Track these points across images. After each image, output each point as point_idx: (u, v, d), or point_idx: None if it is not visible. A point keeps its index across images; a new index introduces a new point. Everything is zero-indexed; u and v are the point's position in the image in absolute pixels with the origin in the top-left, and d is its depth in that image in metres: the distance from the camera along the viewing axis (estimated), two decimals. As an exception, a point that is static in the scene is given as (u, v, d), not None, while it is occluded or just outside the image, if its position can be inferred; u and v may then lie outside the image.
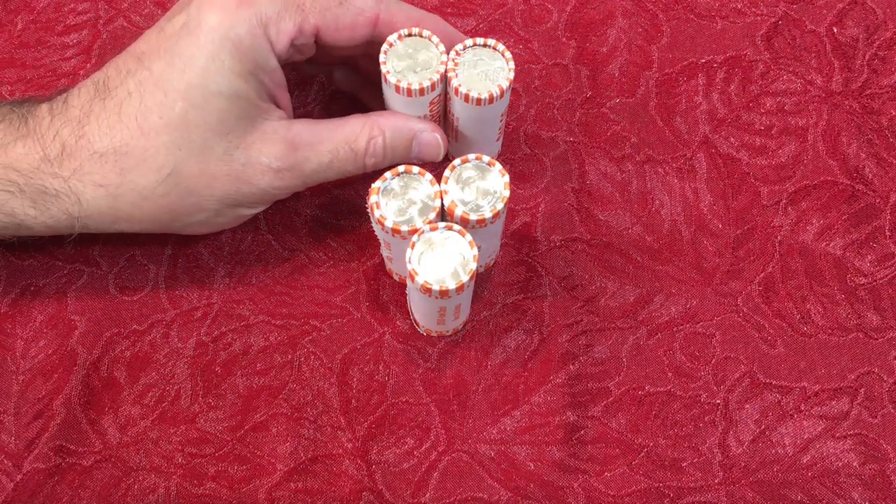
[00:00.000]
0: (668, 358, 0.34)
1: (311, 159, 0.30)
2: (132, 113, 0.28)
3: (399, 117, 0.31)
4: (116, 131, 0.28)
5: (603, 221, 0.36)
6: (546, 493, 0.32)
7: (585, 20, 0.40)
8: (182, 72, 0.27)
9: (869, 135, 0.37)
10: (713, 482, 0.32)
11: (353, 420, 0.33)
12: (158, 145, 0.28)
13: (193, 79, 0.27)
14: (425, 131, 0.32)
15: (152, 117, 0.27)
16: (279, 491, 0.32)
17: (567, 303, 0.34)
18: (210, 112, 0.28)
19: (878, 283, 0.35)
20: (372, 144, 0.31)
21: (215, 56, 0.27)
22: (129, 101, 0.28)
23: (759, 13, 0.40)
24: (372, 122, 0.31)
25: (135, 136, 0.28)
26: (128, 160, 0.28)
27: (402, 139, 0.31)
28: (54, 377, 0.33)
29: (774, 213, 0.36)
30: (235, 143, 0.28)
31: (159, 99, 0.27)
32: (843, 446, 0.32)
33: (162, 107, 0.27)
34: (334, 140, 0.30)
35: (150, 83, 0.28)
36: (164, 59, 0.28)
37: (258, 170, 0.29)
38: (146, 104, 0.27)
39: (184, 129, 0.27)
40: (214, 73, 0.27)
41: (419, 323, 0.33)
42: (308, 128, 0.30)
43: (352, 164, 0.31)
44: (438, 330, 0.33)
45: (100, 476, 0.32)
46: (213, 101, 0.28)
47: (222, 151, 0.28)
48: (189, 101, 0.27)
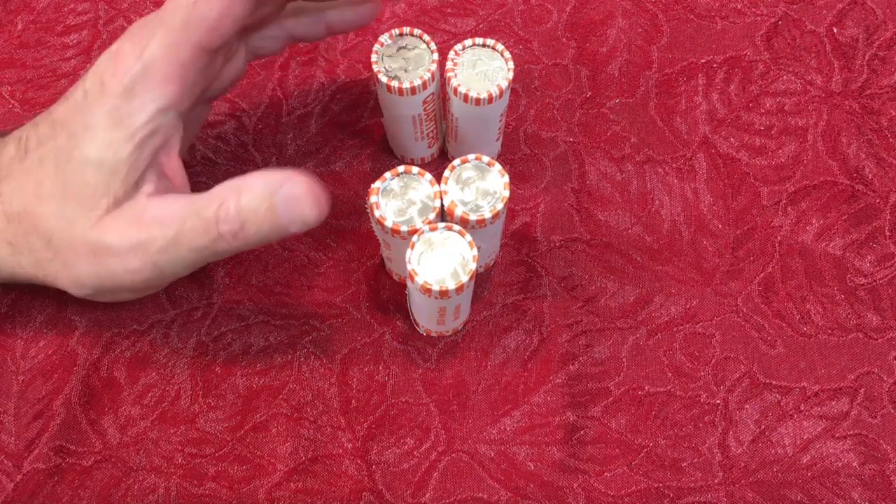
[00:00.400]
0: (668, 358, 0.34)
1: (154, 236, 0.27)
2: (36, 180, 0.28)
3: (263, 174, 0.26)
4: (24, 195, 0.28)
5: (603, 221, 0.36)
6: (546, 493, 0.32)
7: (585, 20, 0.40)
8: (70, 146, 0.27)
9: (869, 135, 0.37)
10: (713, 482, 0.32)
11: (353, 420, 0.33)
12: (44, 213, 0.28)
13: (76, 152, 0.27)
14: (288, 183, 0.26)
15: (45, 186, 0.28)
16: (279, 491, 0.32)
17: (567, 303, 0.34)
18: (81, 186, 0.27)
19: (878, 284, 0.35)
20: (223, 210, 0.26)
21: (93, 129, 0.27)
22: (38, 168, 0.28)
23: (759, 13, 0.40)
24: (227, 185, 0.27)
25: (32, 202, 0.28)
26: (28, 223, 0.28)
27: (257, 198, 0.26)
28: (54, 377, 0.33)
29: (774, 214, 0.36)
30: (93, 220, 0.27)
31: (52, 170, 0.28)
32: (843, 446, 0.32)
33: (53, 178, 0.27)
34: (183, 211, 0.27)
35: (52, 154, 0.28)
36: (65, 131, 0.28)
37: (107, 252, 0.27)
38: (45, 173, 0.28)
39: (61, 202, 0.27)
40: (92, 146, 0.27)
41: (419, 323, 0.33)
42: (161, 202, 0.27)
43: (203, 235, 0.26)
44: (438, 330, 0.33)
45: (100, 476, 0.32)
46: (86, 175, 0.27)
47: (82, 228, 0.27)
48: (70, 176, 0.27)
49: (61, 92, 0.38)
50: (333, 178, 0.37)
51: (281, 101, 0.38)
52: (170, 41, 0.27)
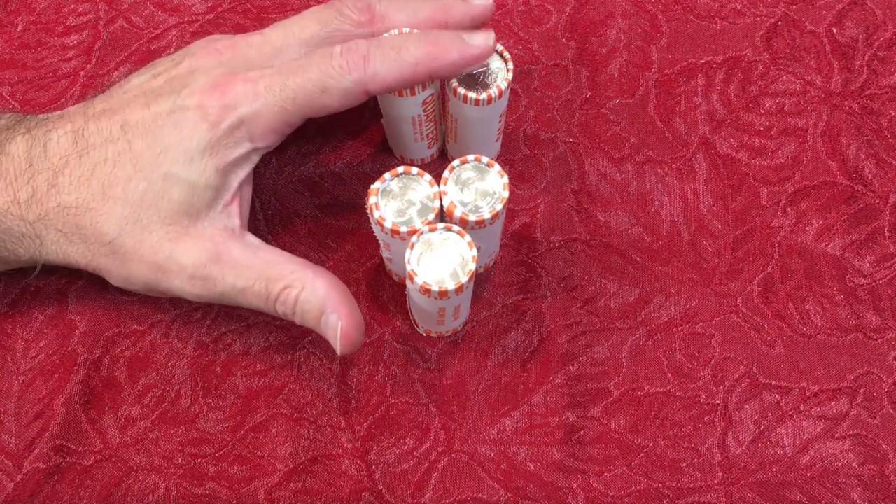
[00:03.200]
0: (668, 358, 0.34)
1: (226, 279, 0.29)
2: (102, 178, 0.28)
3: (330, 284, 0.29)
4: (84, 189, 0.29)
5: (602, 222, 0.36)
6: (546, 493, 0.32)
7: (585, 21, 0.40)
8: (156, 157, 0.28)
9: (868, 135, 0.37)
10: (712, 482, 0.32)
11: (353, 420, 0.33)
12: (112, 213, 0.28)
13: (163, 166, 0.28)
14: (334, 314, 0.29)
15: (117, 188, 0.28)
16: (279, 491, 0.32)
17: (567, 303, 0.34)
18: (165, 200, 0.28)
19: (878, 284, 0.35)
20: (285, 294, 0.29)
21: (189, 151, 0.28)
22: (103, 167, 0.28)
23: (758, 14, 0.40)
24: (301, 272, 0.29)
25: (97, 199, 0.28)
26: (85, 217, 0.29)
27: (312, 307, 0.29)
28: (55, 377, 0.33)
29: (774, 214, 0.36)
30: (171, 235, 0.29)
31: (128, 173, 0.28)
32: (843, 447, 0.32)
33: (128, 182, 0.28)
34: (257, 271, 0.29)
35: (127, 157, 0.28)
36: (145, 140, 0.28)
37: (175, 268, 0.29)
38: (116, 174, 0.28)
39: (136, 207, 0.28)
40: (182, 165, 0.28)
41: (419, 323, 0.33)
42: (242, 247, 0.29)
43: (262, 302, 0.29)
44: (438, 330, 0.33)
45: (100, 476, 0.32)
46: (172, 191, 0.28)
47: (157, 239, 0.29)
48: (151, 186, 0.28)
49: (62, 92, 0.38)
50: (333, 178, 0.37)
51: (281, 102, 0.38)
52: (287, 107, 0.29)
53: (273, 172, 0.37)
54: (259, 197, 0.36)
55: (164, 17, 0.40)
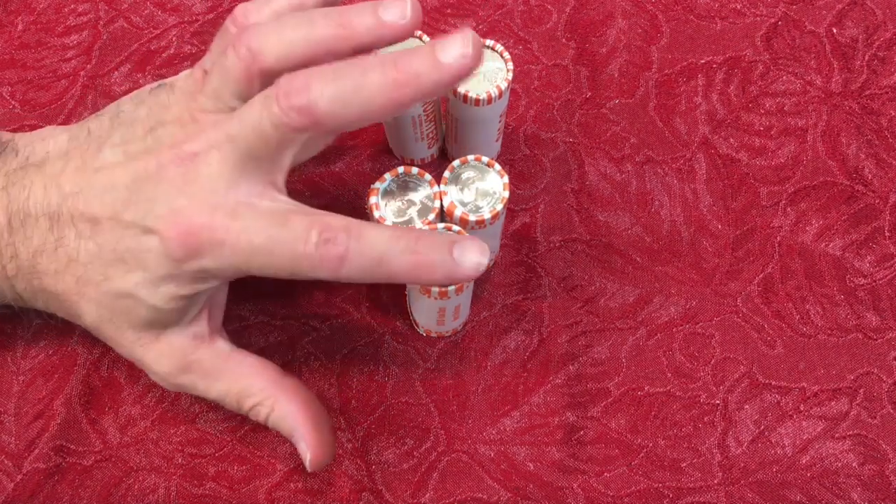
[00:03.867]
0: (668, 358, 0.34)
1: (197, 387, 0.29)
2: (76, 275, 0.28)
3: (299, 408, 0.29)
4: (61, 282, 0.28)
5: (602, 222, 0.36)
6: (546, 493, 0.32)
7: (585, 21, 0.40)
8: (123, 275, 0.27)
9: (868, 135, 0.37)
10: (712, 482, 0.32)
11: (353, 420, 0.33)
12: (89, 310, 0.28)
13: (129, 286, 0.27)
14: (303, 441, 0.29)
15: (90, 288, 0.28)
16: (279, 491, 0.32)
17: (567, 303, 0.34)
18: (133, 313, 0.28)
19: (878, 284, 0.35)
20: (255, 411, 0.29)
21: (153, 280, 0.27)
22: (76, 266, 0.28)
23: (758, 14, 0.40)
24: (270, 390, 0.29)
25: (73, 293, 0.28)
26: (67, 304, 0.29)
27: (282, 429, 0.29)
28: (55, 377, 0.33)
29: (774, 214, 0.36)
30: (142, 341, 0.29)
31: (98, 278, 0.28)
32: (843, 447, 0.32)
33: (98, 286, 0.28)
34: (228, 385, 0.29)
35: (97, 263, 0.28)
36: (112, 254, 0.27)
37: (148, 369, 0.29)
38: (88, 276, 0.28)
39: (109, 310, 0.28)
40: (147, 290, 0.27)
41: (419, 323, 0.33)
42: (212, 356, 0.29)
43: (234, 410, 0.30)
44: (438, 330, 0.33)
45: (100, 476, 0.32)
46: (139, 309, 0.28)
47: (130, 342, 0.29)
48: (119, 299, 0.28)
49: (62, 92, 0.38)
50: (333, 178, 0.37)
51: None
52: (247, 270, 0.27)
53: (273, 172, 0.37)
54: None
55: (164, 17, 0.40)
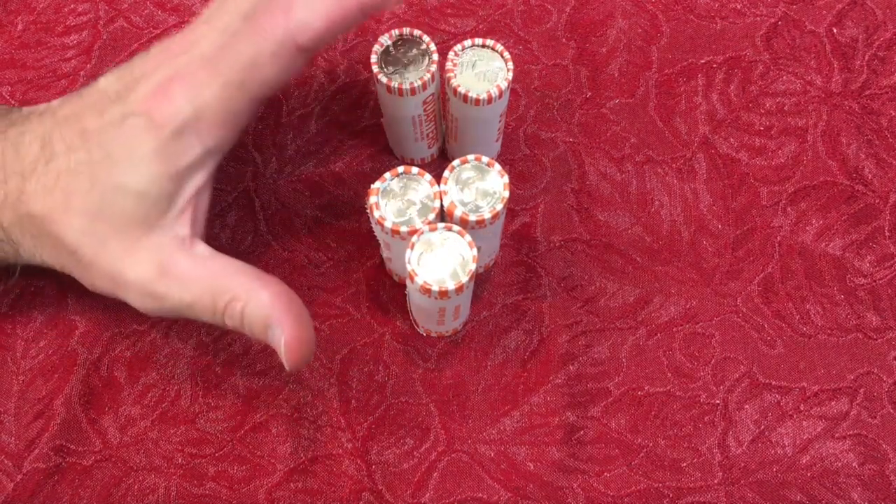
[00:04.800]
0: (668, 358, 0.34)
1: (173, 293, 0.28)
2: (64, 188, 0.27)
3: (276, 294, 0.28)
4: (49, 199, 0.27)
5: (603, 222, 0.36)
6: (546, 493, 0.32)
7: (585, 21, 0.40)
8: (110, 169, 0.27)
9: (869, 135, 0.37)
10: (713, 482, 0.32)
11: (353, 420, 0.33)
12: (72, 225, 0.28)
13: (115, 177, 0.27)
14: (278, 328, 0.27)
15: (76, 199, 0.27)
16: (279, 491, 0.32)
17: (567, 303, 0.34)
18: (117, 212, 0.27)
19: (878, 284, 0.35)
20: (231, 307, 0.28)
21: (138, 161, 0.27)
22: (66, 177, 0.27)
23: (758, 14, 0.40)
24: (248, 283, 0.28)
25: (59, 210, 0.28)
26: (51, 227, 0.28)
27: (256, 319, 0.28)
28: (54, 377, 0.33)
29: (774, 214, 0.36)
30: (124, 246, 0.28)
31: (86, 186, 0.27)
32: (843, 446, 0.32)
33: (86, 194, 0.27)
34: (204, 285, 0.28)
35: (85, 168, 0.27)
36: (101, 151, 0.27)
37: (125, 283, 0.28)
38: (76, 185, 0.27)
39: (92, 220, 0.27)
40: (132, 175, 0.27)
41: (419, 323, 0.33)
42: (190, 259, 0.28)
43: (210, 315, 0.28)
44: (438, 330, 0.33)
45: (100, 476, 0.32)
46: (125, 202, 0.27)
47: (110, 253, 0.28)
48: (104, 198, 0.27)
49: (62, 92, 0.38)
50: (333, 178, 0.37)
51: (281, 102, 0.38)
52: (226, 94, 0.27)
53: (273, 172, 0.37)
54: (259, 197, 0.36)
55: (164, 16, 0.40)
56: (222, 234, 0.35)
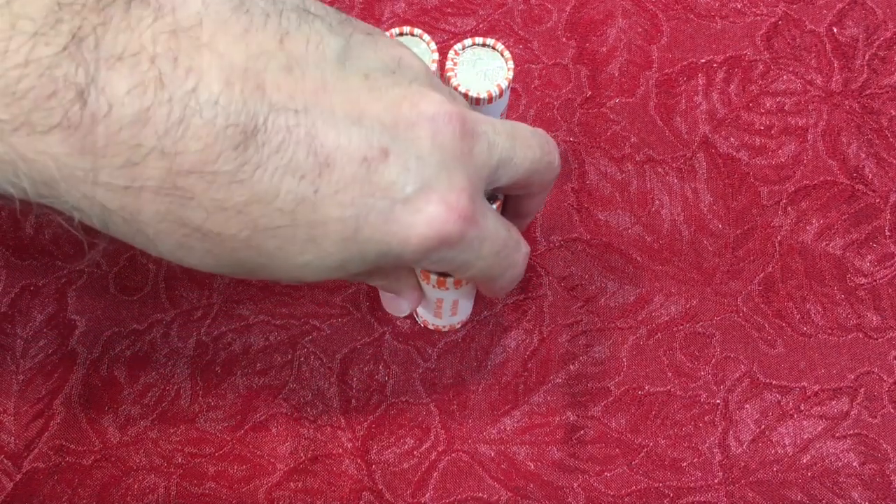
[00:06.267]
0: (668, 358, 0.34)
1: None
2: (245, 220, 0.20)
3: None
4: (213, 219, 0.20)
5: (603, 221, 0.36)
6: (546, 493, 0.32)
7: (585, 20, 0.40)
8: (306, 244, 0.21)
9: (869, 135, 0.37)
10: (713, 482, 0.32)
11: (353, 420, 0.33)
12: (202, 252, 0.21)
13: (300, 259, 0.21)
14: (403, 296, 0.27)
15: (242, 237, 0.20)
16: (279, 491, 0.32)
17: (567, 303, 0.34)
18: (257, 269, 0.21)
19: (878, 284, 0.35)
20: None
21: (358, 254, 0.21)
22: (257, 207, 0.20)
23: (759, 13, 0.40)
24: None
25: (214, 235, 0.20)
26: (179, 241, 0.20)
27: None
28: (54, 377, 0.33)
29: (774, 213, 0.36)
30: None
31: (272, 241, 0.20)
32: (843, 446, 0.32)
33: (262, 244, 0.21)
34: None
35: (293, 219, 0.20)
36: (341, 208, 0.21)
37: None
38: (262, 223, 0.20)
39: (233, 267, 0.21)
40: (316, 269, 0.22)
41: (417, 313, 0.33)
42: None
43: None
44: (435, 323, 0.33)
45: (99, 475, 0.32)
46: (272, 273, 0.22)
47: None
48: (258, 259, 0.21)
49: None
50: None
51: (281, 101, 0.38)
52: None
53: (273, 172, 0.37)
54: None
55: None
56: (222, 234, 0.35)
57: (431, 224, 0.21)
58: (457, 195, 0.21)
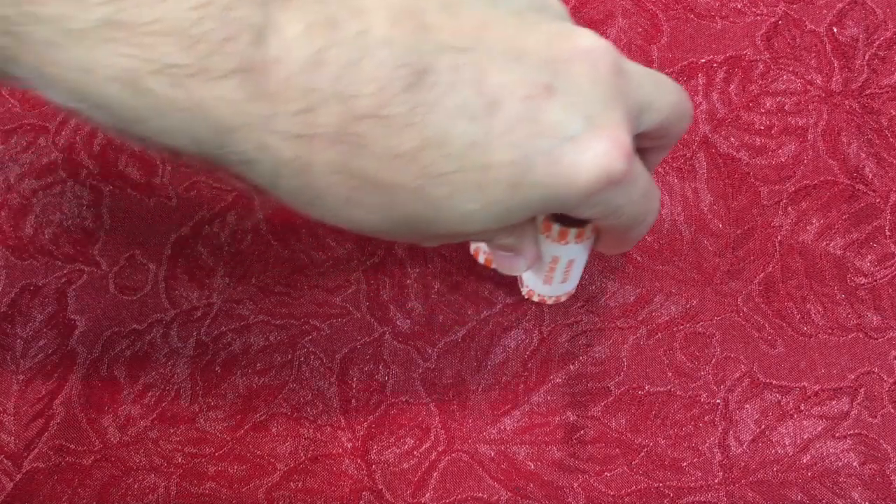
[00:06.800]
0: (668, 358, 0.34)
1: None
2: (414, 162, 0.19)
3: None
4: (383, 164, 0.19)
5: (603, 221, 0.36)
6: (546, 493, 0.32)
7: (585, 20, 0.40)
8: (477, 192, 0.20)
9: (869, 135, 0.37)
10: (713, 482, 0.32)
11: (353, 420, 0.33)
12: (374, 204, 0.20)
13: (463, 207, 0.20)
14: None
15: (416, 183, 0.20)
16: (279, 491, 0.32)
17: (567, 302, 0.34)
18: (426, 229, 0.21)
19: (879, 283, 0.35)
20: None
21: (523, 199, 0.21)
22: (423, 153, 0.19)
23: (759, 13, 0.40)
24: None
25: (381, 176, 0.19)
26: (347, 189, 0.20)
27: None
28: (54, 377, 0.33)
29: (774, 213, 0.36)
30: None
31: (440, 186, 0.19)
32: (843, 446, 0.32)
33: (431, 189, 0.20)
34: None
35: (457, 162, 0.19)
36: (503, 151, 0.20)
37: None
38: (427, 168, 0.19)
39: (407, 222, 0.21)
40: (479, 219, 0.21)
41: (523, 281, 0.31)
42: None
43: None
44: (542, 293, 0.31)
45: (99, 475, 0.32)
46: (438, 229, 0.21)
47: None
48: (427, 217, 0.20)
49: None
50: (333, 178, 0.37)
51: (281, 101, 0.38)
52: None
53: (273, 172, 0.37)
54: (259, 196, 0.36)
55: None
56: (222, 234, 0.35)
57: (600, 162, 0.20)
58: (621, 131, 0.20)
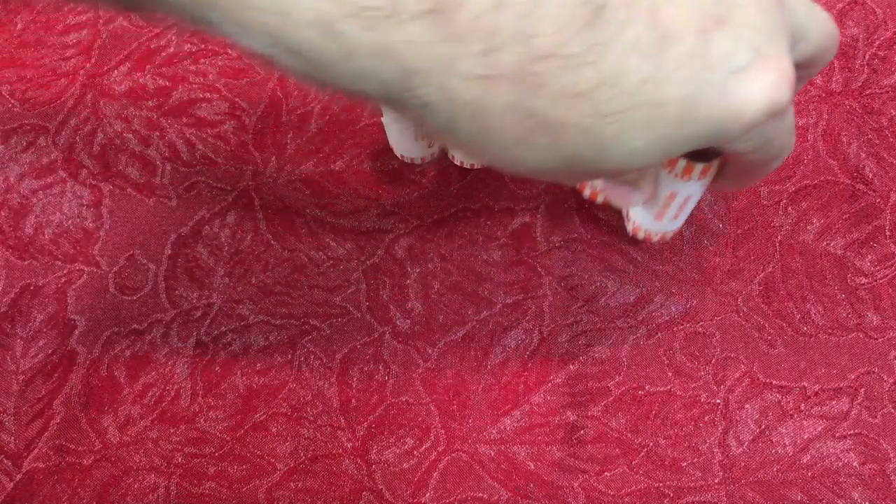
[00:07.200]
0: (668, 358, 0.34)
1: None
2: (589, 100, 0.19)
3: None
4: (557, 101, 0.19)
5: (603, 221, 0.36)
6: (546, 492, 0.32)
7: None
8: (642, 129, 0.20)
9: (869, 134, 0.37)
10: (713, 482, 0.32)
11: (353, 420, 0.33)
12: (548, 142, 0.20)
13: (631, 143, 0.20)
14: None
15: (581, 121, 0.19)
16: (279, 491, 0.32)
17: (567, 302, 0.34)
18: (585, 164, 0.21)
19: (879, 283, 0.35)
20: None
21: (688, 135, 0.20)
22: (602, 90, 0.19)
23: (759, 13, 0.40)
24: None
25: (554, 117, 0.19)
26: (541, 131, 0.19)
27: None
28: (54, 377, 0.33)
29: (774, 213, 0.36)
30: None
31: (611, 124, 0.19)
32: (843, 446, 0.32)
33: (601, 130, 0.20)
34: None
35: (633, 101, 0.19)
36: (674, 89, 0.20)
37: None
38: (600, 107, 0.19)
39: (571, 156, 0.20)
40: (648, 152, 0.21)
41: (630, 218, 0.30)
42: None
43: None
44: (650, 229, 0.30)
45: (99, 475, 0.32)
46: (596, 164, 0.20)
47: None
48: (588, 151, 0.20)
49: (61, 91, 0.38)
50: (333, 178, 0.37)
51: (281, 101, 0.38)
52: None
53: (273, 171, 0.37)
54: (259, 196, 0.36)
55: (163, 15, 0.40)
56: (222, 234, 0.35)
57: (767, 93, 0.20)
58: (787, 62, 0.20)
